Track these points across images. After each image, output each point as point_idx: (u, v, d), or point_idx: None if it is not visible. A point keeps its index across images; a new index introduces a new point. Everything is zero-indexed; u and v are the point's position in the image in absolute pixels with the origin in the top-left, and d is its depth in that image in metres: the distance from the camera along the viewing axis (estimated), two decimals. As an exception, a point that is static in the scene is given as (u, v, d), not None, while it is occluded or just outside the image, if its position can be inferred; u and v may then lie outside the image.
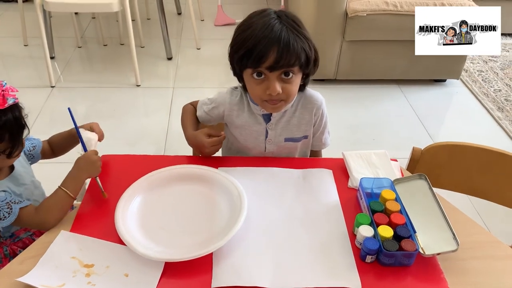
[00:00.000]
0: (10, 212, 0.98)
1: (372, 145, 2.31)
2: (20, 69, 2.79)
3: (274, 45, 0.99)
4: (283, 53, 0.99)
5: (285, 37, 0.99)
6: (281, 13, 1.04)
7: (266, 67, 1.01)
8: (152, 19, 3.42)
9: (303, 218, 0.99)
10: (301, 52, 1.02)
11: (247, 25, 1.04)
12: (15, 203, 1.00)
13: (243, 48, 1.02)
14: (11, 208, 0.99)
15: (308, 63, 1.06)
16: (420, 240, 0.91)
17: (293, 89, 1.07)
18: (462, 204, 1.87)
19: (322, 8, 2.45)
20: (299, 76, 1.07)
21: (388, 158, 1.15)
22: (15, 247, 1.12)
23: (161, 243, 0.90)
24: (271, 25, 1.00)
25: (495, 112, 2.59)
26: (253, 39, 1.00)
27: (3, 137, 0.96)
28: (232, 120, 1.20)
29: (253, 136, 1.20)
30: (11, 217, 0.98)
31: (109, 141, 2.20)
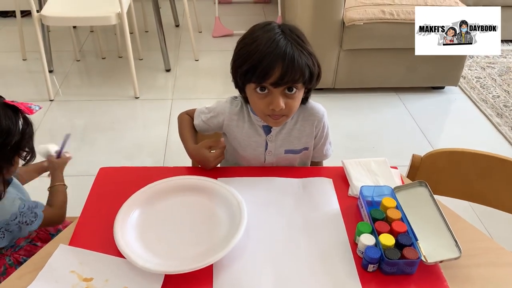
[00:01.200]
0: (36, 216, 1.06)
1: (372, 153, 2.31)
2: (19, 83, 2.79)
3: (279, 61, 0.98)
4: (288, 69, 0.99)
5: (290, 53, 0.99)
6: (285, 28, 1.03)
7: (271, 83, 1.01)
8: (150, 32, 3.43)
9: (303, 228, 0.98)
10: (305, 68, 1.01)
11: (251, 39, 1.03)
12: (35, 207, 1.07)
13: (247, 63, 1.01)
14: (35, 213, 1.06)
15: (312, 78, 1.05)
16: (422, 248, 0.90)
17: (295, 104, 1.07)
18: (464, 211, 1.87)
19: (319, 17, 2.46)
20: (301, 91, 1.07)
21: (388, 165, 1.15)
22: (17, 255, 1.14)
23: (161, 255, 0.89)
24: (276, 41, 1.00)
25: (494, 118, 2.59)
26: (258, 54, 0.99)
27: (29, 143, 1.02)
28: (232, 130, 1.20)
29: (252, 147, 1.19)
30: (38, 220, 1.07)
31: (108, 154, 2.23)
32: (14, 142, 0.98)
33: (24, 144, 1.01)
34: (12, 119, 0.99)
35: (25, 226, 1.06)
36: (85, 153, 2.25)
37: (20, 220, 1.05)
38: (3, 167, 1.00)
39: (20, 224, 1.05)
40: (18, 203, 1.05)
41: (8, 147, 0.98)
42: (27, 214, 1.05)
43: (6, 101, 0.99)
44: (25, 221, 1.05)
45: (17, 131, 0.99)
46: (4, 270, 1.12)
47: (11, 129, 0.98)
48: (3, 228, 1.05)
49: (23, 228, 1.06)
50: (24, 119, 1.00)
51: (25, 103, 1.01)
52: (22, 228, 1.06)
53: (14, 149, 0.99)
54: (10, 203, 1.03)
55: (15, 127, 0.98)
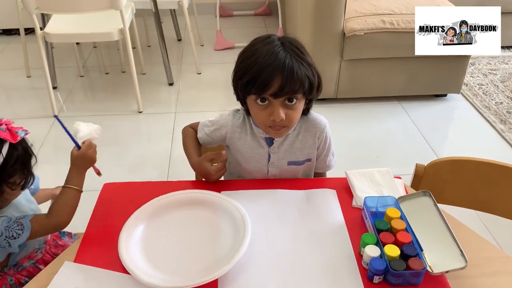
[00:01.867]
0: (23, 228, 1.00)
1: (376, 162, 2.31)
2: (24, 100, 2.82)
3: (278, 73, 1.00)
4: (288, 80, 1.00)
5: (289, 65, 1.00)
6: (285, 40, 1.05)
7: (271, 94, 1.02)
8: (152, 46, 3.46)
9: (308, 240, 0.98)
10: (305, 79, 1.03)
11: (251, 52, 1.05)
12: (21, 218, 1.02)
13: (247, 75, 1.03)
14: (21, 224, 1.01)
15: (312, 89, 1.06)
16: (428, 258, 0.90)
17: (296, 115, 1.08)
18: (470, 219, 1.86)
19: (320, 28, 2.48)
20: (302, 102, 1.08)
21: (391, 175, 1.15)
22: (20, 276, 1.13)
23: (166, 271, 0.89)
24: (275, 53, 1.01)
25: (497, 125, 2.58)
26: (257, 66, 1.01)
27: (17, 170, 0.97)
28: (234, 142, 1.20)
29: (255, 159, 1.19)
30: (25, 232, 1.00)
31: (112, 168, 2.24)
32: None
33: (11, 172, 0.97)
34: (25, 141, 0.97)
35: (13, 241, 1.00)
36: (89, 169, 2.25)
37: (7, 235, 1.00)
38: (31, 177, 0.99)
39: (7, 239, 1.00)
40: (1, 219, 1.01)
41: None
42: (12, 227, 1.00)
43: None
44: (11, 235, 1.00)
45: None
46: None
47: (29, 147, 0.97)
48: None
49: (12, 243, 1.01)
50: (11, 146, 0.96)
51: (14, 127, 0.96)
52: (11, 243, 1.01)
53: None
54: None
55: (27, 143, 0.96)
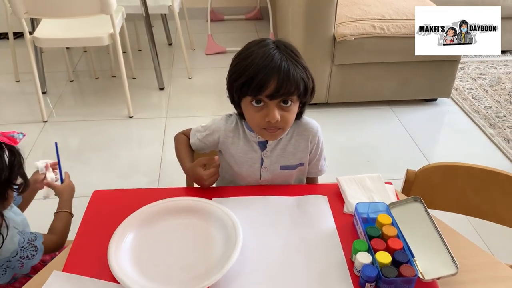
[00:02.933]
0: (36, 250, 1.06)
1: (367, 167, 2.31)
2: (12, 105, 2.79)
3: (275, 74, 1.00)
4: (284, 82, 1.01)
5: (285, 67, 1.01)
6: (280, 43, 1.06)
7: (267, 95, 1.02)
8: (143, 51, 3.45)
9: (299, 247, 0.97)
10: (300, 81, 1.03)
11: (246, 54, 1.06)
12: (34, 240, 1.06)
13: (243, 76, 1.03)
14: (35, 246, 1.06)
15: (306, 92, 1.07)
16: (419, 265, 0.90)
17: (290, 117, 1.08)
18: (461, 225, 1.87)
19: (310, 33, 2.49)
20: (296, 105, 1.09)
21: (382, 181, 1.15)
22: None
23: (156, 280, 0.88)
24: (271, 55, 1.02)
25: (487, 129, 2.61)
26: (254, 68, 1.02)
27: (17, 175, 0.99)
28: (227, 147, 1.20)
29: (248, 163, 1.19)
30: (38, 254, 1.06)
31: (102, 174, 2.22)
32: (3, 178, 0.95)
33: (14, 176, 0.98)
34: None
35: (27, 261, 1.05)
36: (79, 174, 2.22)
37: (21, 256, 1.04)
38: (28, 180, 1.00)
39: (21, 260, 1.04)
40: (17, 238, 1.04)
41: None
42: (27, 248, 1.05)
43: None
44: (26, 256, 1.05)
45: (5, 166, 0.95)
46: None
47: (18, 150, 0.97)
48: (4, 265, 1.05)
49: (25, 263, 1.06)
50: (10, 150, 0.97)
51: (7, 132, 0.97)
52: (24, 263, 1.05)
53: (5, 184, 0.97)
54: (10, 240, 1.01)
55: (1, 162, 0.95)
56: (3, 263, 1.04)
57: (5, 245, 1.01)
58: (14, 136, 0.96)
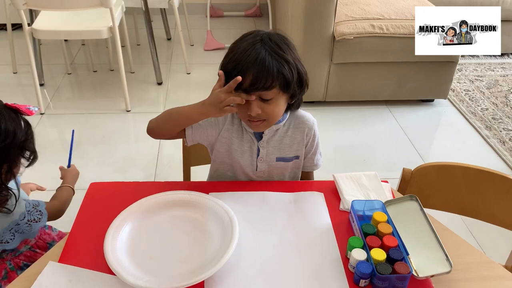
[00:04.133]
0: (41, 214, 1.10)
1: (363, 166, 2.32)
2: (10, 96, 2.77)
3: (250, 68, 1.01)
4: (259, 76, 1.01)
5: (261, 61, 1.01)
6: (266, 36, 1.05)
7: (243, 89, 1.03)
8: (142, 45, 3.44)
9: (295, 243, 0.98)
10: (279, 75, 1.02)
11: (231, 49, 1.08)
12: (38, 205, 1.10)
13: (225, 70, 1.05)
14: (39, 210, 1.10)
15: (288, 84, 1.05)
16: (413, 262, 0.90)
17: (274, 110, 1.07)
18: (455, 224, 1.88)
19: (310, 32, 2.49)
20: (281, 97, 1.07)
21: (378, 179, 1.15)
22: (18, 260, 1.15)
23: (152, 272, 0.89)
24: (250, 49, 1.03)
25: (483, 131, 2.62)
26: (232, 63, 1.04)
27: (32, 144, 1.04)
28: (226, 138, 1.19)
29: (245, 154, 1.19)
30: (44, 217, 1.10)
31: (99, 168, 2.22)
32: (19, 142, 1.00)
33: (28, 144, 1.03)
34: (16, 121, 1.00)
35: (34, 224, 1.09)
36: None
37: (29, 219, 1.08)
38: (12, 167, 1.00)
39: (29, 223, 1.08)
40: (23, 203, 1.08)
41: (15, 147, 0.99)
42: (33, 212, 1.09)
43: (6, 103, 1.02)
44: (33, 219, 1.09)
45: (22, 132, 1.01)
46: (5, 274, 1.12)
47: (16, 130, 0.99)
48: (13, 229, 1.07)
49: (33, 226, 1.09)
50: (24, 121, 1.03)
51: (23, 105, 1.03)
52: (32, 226, 1.09)
53: (19, 150, 1.01)
54: (18, 204, 1.05)
55: (19, 128, 1.00)
56: (12, 226, 1.06)
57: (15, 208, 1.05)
58: (30, 109, 1.03)
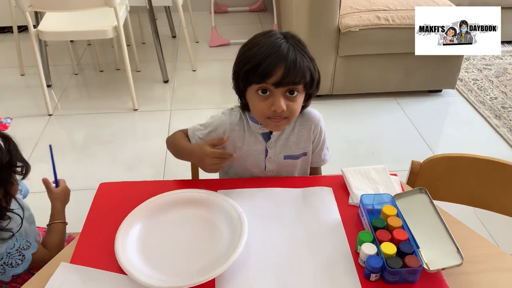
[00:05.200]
0: (23, 259, 1.01)
1: (372, 158, 2.31)
2: (18, 98, 2.79)
3: (281, 61, 1.01)
4: (290, 70, 1.01)
5: (292, 55, 1.02)
6: (287, 34, 1.07)
7: (273, 83, 1.02)
8: (147, 43, 3.45)
9: (305, 238, 0.98)
10: (307, 71, 1.04)
11: (253, 44, 1.06)
12: (25, 249, 1.02)
13: (250, 63, 1.03)
14: (23, 255, 1.01)
15: (312, 82, 1.07)
16: (424, 256, 0.90)
17: (296, 107, 1.08)
18: (466, 216, 1.86)
19: (315, 25, 2.47)
20: (302, 96, 1.08)
21: (387, 173, 1.15)
22: (15, 284, 1.11)
23: (163, 271, 0.89)
24: (278, 44, 1.03)
25: (492, 120, 2.59)
26: (260, 55, 1.02)
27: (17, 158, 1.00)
28: (233, 140, 1.19)
29: (253, 155, 1.19)
30: (24, 264, 1.02)
31: (108, 167, 2.24)
32: (5, 162, 0.96)
33: (14, 160, 0.99)
34: None
35: (9, 269, 1.02)
36: (85, 167, 2.25)
37: (5, 262, 1.01)
38: (7, 189, 0.99)
39: (4, 266, 1.01)
40: (6, 244, 1.01)
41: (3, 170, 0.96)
42: (14, 255, 1.02)
43: None
44: (10, 263, 1.02)
45: (4, 151, 0.97)
46: None
47: None
48: None
49: (7, 271, 1.02)
50: (2, 137, 0.98)
51: None
52: (6, 270, 1.02)
53: (8, 169, 0.98)
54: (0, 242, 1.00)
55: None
56: None
57: None
58: (2, 122, 0.98)
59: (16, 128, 2.50)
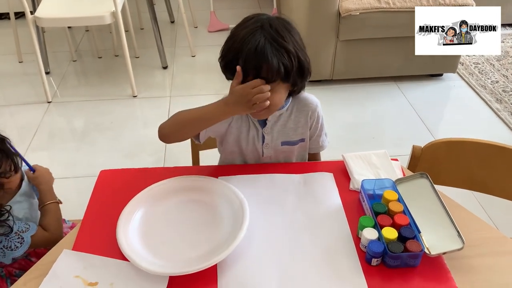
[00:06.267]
0: (22, 242, 1.02)
1: (372, 143, 2.31)
2: (16, 86, 2.78)
3: (249, 58, 0.98)
4: (260, 67, 0.98)
5: (261, 50, 0.98)
6: (267, 22, 1.02)
7: (245, 80, 1.00)
8: (145, 29, 3.42)
9: (306, 224, 0.98)
10: (279, 66, 0.99)
11: (231, 35, 1.05)
12: (24, 231, 1.02)
13: (224, 59, 1.04)
14: (22, 237, 1.02)
15: (288, 74, 1.02)
16: (425, 240, 0.90)
17: (276, 97, 1.04)
18: (466, 200, 1.87)
19: (315, 9, 2.45)
20: (282, 86, 1.05)
21: (388, 158, 1.14)
22: (11, 269, 1.13)
23: (165, 257, 0.89)
24: (250, 37, 0.99)
25: (493, 104, 2.58)
26: (231, 52, 1.02)
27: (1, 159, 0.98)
28: (231, 126, 1.19)
29: (250, 141, 1.19)
30: (23, 246, 1.02)
31: (108, 154, 2.24)
32: None
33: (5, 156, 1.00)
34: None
35: (9, 252, 1.03)
36: (85, 154, 2.25)
37: (4, 245, 1.02)
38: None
39: (3, 249, 1.02)
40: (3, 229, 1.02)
41: None
42: (13, 238, 1.02)
43: None
44: (9, 246, 1.02)
45: None
46: None
47: None
48: None
49: (7, 254, 1.03)
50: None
51: None
52: (5, 253, 1.03)
53: None
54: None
55: None
56: None
57: None
58: None
59: (15, 116, 2.50)
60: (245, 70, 0.99)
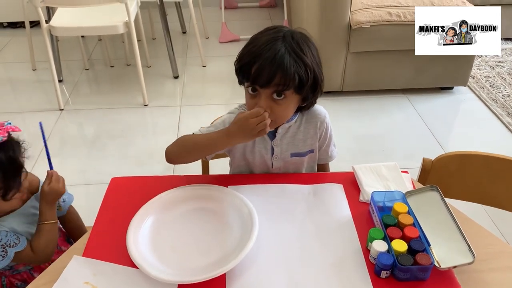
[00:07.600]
0: (5, 256, 1.01)
1: (382, 155, 2.30)
2: (29, 93, 2.82)
3: (268, 64, 0.99)
4: (275, 74, 0.99)
5: (280, 58, 0.99)
6: (288, 34, 1.03)
7: (258, 84, 1.02)
8: (157, 39, 3.46)
9: (315, 235, 0.98)
10: (295, 75, 1.00)
11: (251, 40, 1.06)
12: (11, 246, 1.02)
13: (241, 62, 1.05)
14: (6, 251, 1.01)
15: (302, 87, 1.03)
16: (435, 253, 0.89)
17: (283, 111, 1.05)
18: (477, 214, 1.85)
19: (326, 21, 2.46)
20: (293, 99, 1.06)
21: (398, 170, 1.14)
22: (14, 280, 1.13)
23: (174, 265, 0.90)
24: (270, 44, 1.01)
25: (505, 118, 2.57)
26: (249, 55, 1.02)
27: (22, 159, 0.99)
28: None
29: (260, 153, 1.19)
30: (4, 260, 1.02)
31: (119, 161, 2.25)
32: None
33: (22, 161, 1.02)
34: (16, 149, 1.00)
35: None
36: (96, 162, 2.27)
37: None
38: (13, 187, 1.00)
39: None
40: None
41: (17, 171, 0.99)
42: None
43: None
44: None
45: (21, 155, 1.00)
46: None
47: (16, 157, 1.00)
48: None
49: None
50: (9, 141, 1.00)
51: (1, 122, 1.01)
52: None
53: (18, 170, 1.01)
54: None
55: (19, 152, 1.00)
56: None
57: None
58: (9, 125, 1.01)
59: (28, 122, 2.53)
60: (257, 77, 1.00)
